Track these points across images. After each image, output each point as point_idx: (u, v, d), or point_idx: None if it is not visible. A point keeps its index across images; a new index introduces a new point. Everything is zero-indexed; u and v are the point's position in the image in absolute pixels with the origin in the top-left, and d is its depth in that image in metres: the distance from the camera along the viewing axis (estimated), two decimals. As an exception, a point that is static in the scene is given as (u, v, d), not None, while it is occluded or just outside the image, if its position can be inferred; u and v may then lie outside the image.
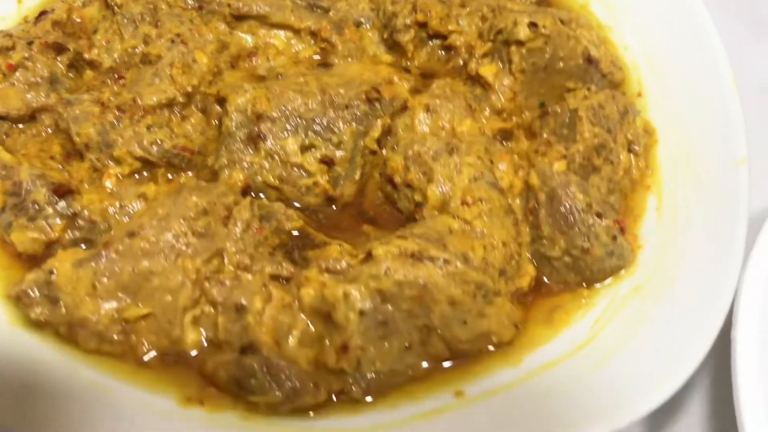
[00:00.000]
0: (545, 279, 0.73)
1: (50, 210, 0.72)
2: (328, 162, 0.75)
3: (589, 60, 0.82)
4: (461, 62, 0.86)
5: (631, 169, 0.79)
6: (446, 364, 0.67)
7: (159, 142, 0.76)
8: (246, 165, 0.75)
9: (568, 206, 0.70)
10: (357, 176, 0.77)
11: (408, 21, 0.85)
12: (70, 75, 0.84)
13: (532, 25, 0.79)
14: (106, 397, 0.64)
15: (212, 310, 0.66)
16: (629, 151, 0.79)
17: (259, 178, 0.75)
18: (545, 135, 0.78)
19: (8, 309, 0.67)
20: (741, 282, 0.64)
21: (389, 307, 0.65)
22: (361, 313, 0.64)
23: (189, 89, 0.79)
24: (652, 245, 0.73)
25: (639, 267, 0.72)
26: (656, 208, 0.77)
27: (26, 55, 0.82)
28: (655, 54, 0.88)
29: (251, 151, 0.76)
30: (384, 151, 0.78)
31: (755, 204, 0.72)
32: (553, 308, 0.70)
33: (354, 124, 0.76)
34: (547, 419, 0.61)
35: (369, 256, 0.67)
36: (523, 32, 0.79)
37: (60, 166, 0.76)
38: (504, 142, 0.79)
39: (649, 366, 0.63)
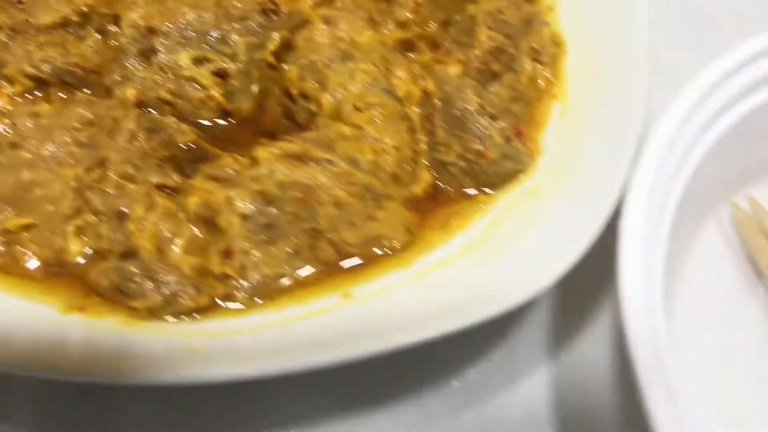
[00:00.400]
0: (442, 186, 0.71)
1: (-63, 128, 0.70)
2: (221, 75, 0.74)
3: (497, -28, 0.80)
4: (369, -21, 0.84)
5: (536, 79, 0.77)
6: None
7: (51, 60, 0.74)
8: (138, 81, 0.74)
9: (461, 108, 0.69)
10: (254, 90, 0.75)
11: (313, -63, 0.83)
12: (-33, 1, 0.82)
13: (433, -66, 0.77)
14: (-12, 309, 0.62)
15: (95, 220, 0.65)
16: (535, 60, 0.77)
17: (153, 94, 0.74)
18: (446, 45, 0.77)
19: None
20: (632, 177, 0.63)
21: (273, 209, 0.64)
22: (244, 216, 0.63)
23: (85, 9, 0.77)
24: (552, 150, 0.72)
25: (538, 171, 0.71)
26: (560, 115, 0.75)
27: None
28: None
29: (144, 67, 0.74)
30: (284, 66, 0.77)
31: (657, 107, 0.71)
32: (450, 214, 0.70)
33: (249, 36, 0.75)
34: (432, 312, 0.60)
35: (253, 161, 0.65)
36: (423, -59, 0.77)
37: (-50, 88, 0.74)
38: (406, 54, 0.78)
39: (539, 255, 0.62)
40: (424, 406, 0.67)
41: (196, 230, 0.65)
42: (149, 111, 0.74)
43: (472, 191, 0.71)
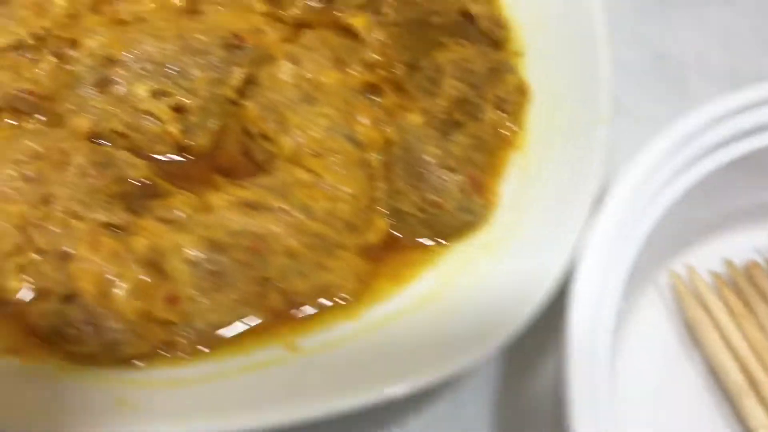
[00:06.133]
0: (397, 234, 0.71)
1: None
2: (179, 109, 0.72)
3: (465, 15, 0.80)
4: (337, 14, 0.83)
5: (499, 128, 0.77)
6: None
7: (1, 85, 0.72)
8: (92, 111, 0.72)
9: (420, 159, 0.69)
10: (212, 126, 0.74)
11: (282, -32, 0.82)
12: None
13: (403, -25, 0.77)
14: None
15: (38, 258, 0.63)
16: (499, 108, 0.77)
17: (106, 125, 0.72)
18: (411, 90, 0.76)
19: None
20: (586, 238, 0.63)
21: (222, 257, 0.62)
22: (191, 263, 0.62)
23: (41, 32, 0.75)
24: (508, 203, 0.72)
25: (494, 225, 0.71)
26: (520, 167, 0.75)
27: None
28: (539, 12, 0.86)
29: (99, 97, 0.72)
30: (245, 103, 0.75)
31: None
32: (403, 264, 0.69)
33: (209, 71, 0.73)
34: (382, 370, 0.59)
35: (206, 205, 0.64)
36: (393, -19, 0.77)
37: None
38: (372, 97, 0.77)
39: (489, 317, 0.62)
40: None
41: (141, 273, 0.63)
42: (102, 143, 0.72)
43: (426, 241, 0.71)
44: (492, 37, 0.83)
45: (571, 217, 0.65)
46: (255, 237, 0.62)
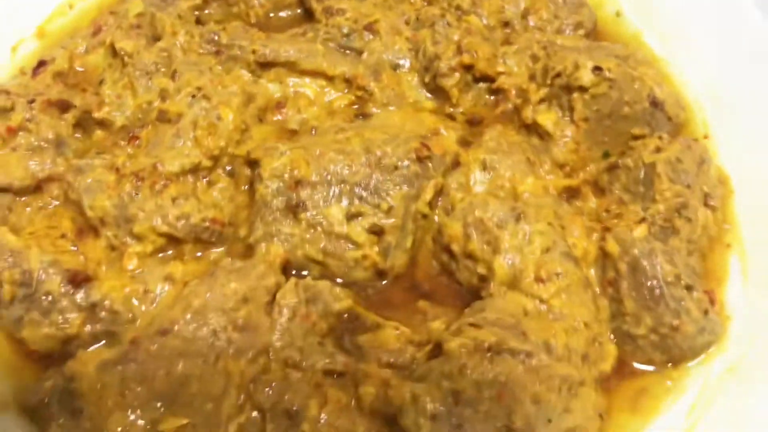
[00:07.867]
0: (628, 359, 0.65)
1: (66, 302, 0.63)
2: (377, 232, 0.67)
3: (654, 103, 0.74)
4: (510, 106, 0.78)
5: (708, 226, 0.71)
6: (528, 466, 0.59)
7: (186, 216, 0.67)
8: (284, 238, 0.67)
9: (654, 279, 0.63)
10: (408, 244, 0.69)
11: (452, 63, 0.77)
12: (77, 135, 0.75)
13: (596, 69, 0.71)
14: None
15: (258, 417, 0.58)
16: (705, 205, 0.71)
17: (300, 252, 0.67)
18: (616, 191, 0.71)
19: (24, 421, 0.58)
20: None
21: (466, 410, 0.57)
22: (433, 417, 0.56)
23: (216, 152, 0.70)
24: (742, 315, 0.66)
25: (731, 342, 0.65)
26: (741, 270, 0.69)
27: (27, 115, 0.73)
28: (720, 88, 0.81)
29: (290, 222, 0.67)
30: (436, 215, 0.70)
31: None
32: (638, 392, 0.63)
33: (404, 186, 0.68)
34: None
35: (438, 349, 0.58)
36: (586, 77, 0.71)
37: (72, 246, 0.67)
38: (570, 201, 0.72)
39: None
40: None
41: (375, 429, 0.58)
42: (297, 272, 0.67)
43: (660, 366, 0.64)
44: (677, 121, 0.77)
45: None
46: (500, 386, 0.57)
